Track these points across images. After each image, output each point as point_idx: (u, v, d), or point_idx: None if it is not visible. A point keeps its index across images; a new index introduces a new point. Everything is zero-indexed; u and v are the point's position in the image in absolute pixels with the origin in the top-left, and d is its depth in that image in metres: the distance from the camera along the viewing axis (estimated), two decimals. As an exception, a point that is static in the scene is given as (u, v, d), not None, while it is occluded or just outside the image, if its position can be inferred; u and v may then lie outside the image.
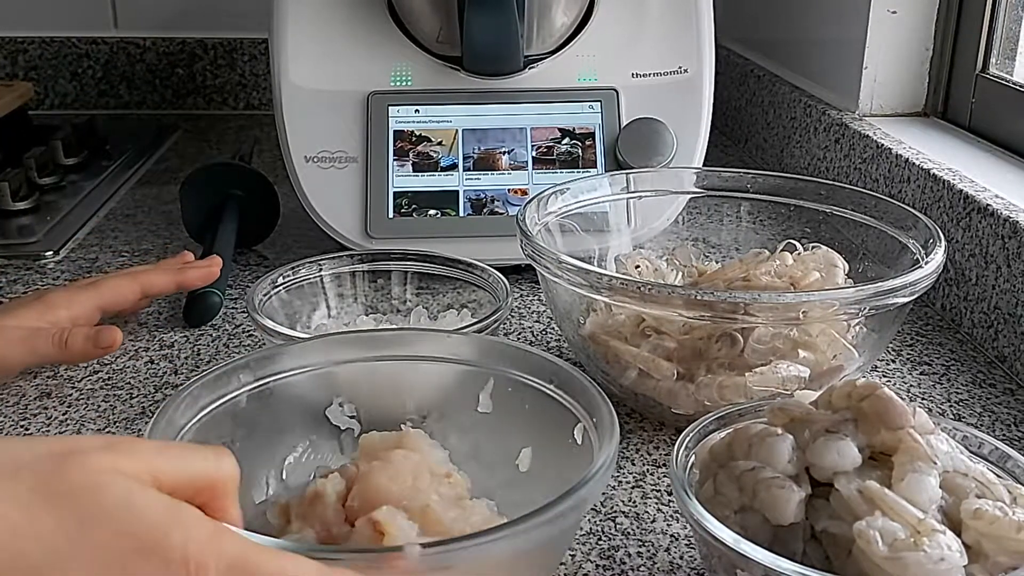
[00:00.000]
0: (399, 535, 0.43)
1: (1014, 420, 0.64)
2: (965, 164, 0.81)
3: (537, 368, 0.51)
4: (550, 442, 0.49)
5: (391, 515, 0.44)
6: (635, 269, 0.69)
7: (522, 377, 0.51)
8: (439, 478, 0.48)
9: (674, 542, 0.52)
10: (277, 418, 0.52)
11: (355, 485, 0.47)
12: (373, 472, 0.47)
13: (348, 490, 0.47)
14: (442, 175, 0.83)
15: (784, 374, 0.57)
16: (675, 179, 0.76)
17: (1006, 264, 0.69)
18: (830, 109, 0.99)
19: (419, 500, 0.45)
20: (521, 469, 0.51)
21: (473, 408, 0.52)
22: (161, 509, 0.34)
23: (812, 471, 0.44)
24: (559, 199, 0.70)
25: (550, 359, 0.51)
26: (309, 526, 0.46)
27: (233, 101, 1.43)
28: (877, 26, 0.94)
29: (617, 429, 0.44)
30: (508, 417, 0.52)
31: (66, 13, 1.37)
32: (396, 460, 0.47)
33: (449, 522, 0.45)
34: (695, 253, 0.74)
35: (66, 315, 0.66)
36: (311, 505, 0.46)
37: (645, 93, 0.85)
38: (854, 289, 0.55)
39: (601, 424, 0.45)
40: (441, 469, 0.49)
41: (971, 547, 0.41)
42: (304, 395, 0.53)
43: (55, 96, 1.40)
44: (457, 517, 0.45)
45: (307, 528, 0.46)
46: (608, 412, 0.46)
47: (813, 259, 0.65)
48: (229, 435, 0.49)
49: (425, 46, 0.85)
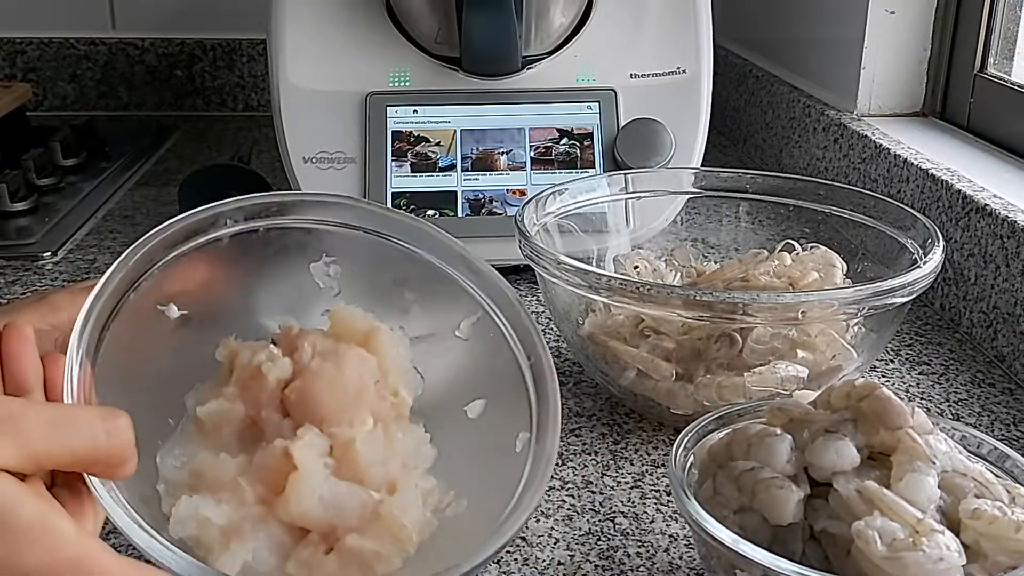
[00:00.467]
0: (307, 475, 0.43)
1: (1013, 420, 0.64)
2: (963, 164, 0.81)
3: (522, 333, 0.50)
4: (503, 410, 0.48)
5: (306, 450, 0.43)
6: (634, 270, 0.69)
7: (507, 331, 0.50)
8: (384, 395, 0.47)
9: (673, 542, 0.52)
10: (260, 264, 0.50)
11: (298, 379, 0.46)
12: (317, 375, 0.46)
13: (293, 378, 0.46)
14: (440, 175, 0.83)
15: (783, 374, 0.57)
16: (673, 179, 0.76)
17: (1005, 264, 0.69)
18: (829, 109, 0.99)
19: (347, 431, 0.45)
20: (469, 415, 0.50)
21: (451, 329, 0.51)
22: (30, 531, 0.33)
23: (811, 471, 0.44)
24: (557, 200, 0.70)
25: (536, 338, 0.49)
26: (242, 400, 0.46)
27: (232, 102, 1.43)
28: (875, 26, 0.94)
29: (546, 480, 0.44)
30: (478, 357, 0.51)
31: (64, 13, 1.37)
32: (347, 364, 0.46)
33: (366, 465, 0.44)
34: (694, 253, 0.74)
35: (68, 317, 0.66)
36: (252, 378, 0.46)
37: (643, 93, 0.85)
38: (853, 289, 0.55)
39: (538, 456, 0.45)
40: (392, 380, 0.48)
41: (970, 547, 0.41)
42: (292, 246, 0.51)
43: (54, 97, 1.40)
44: (376, 461, 0.45)
45: (239, 401, 0.46)
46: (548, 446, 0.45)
47: (812, 259, 0.65)
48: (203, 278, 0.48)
49: (423, 46, 0.85)
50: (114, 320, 0.44)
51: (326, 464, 0.44)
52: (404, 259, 0.52)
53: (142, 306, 0.46)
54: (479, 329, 0.51)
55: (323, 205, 0.51)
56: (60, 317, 0.66)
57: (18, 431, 0.34)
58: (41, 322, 0.65)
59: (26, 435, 0.34)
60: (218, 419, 0.46)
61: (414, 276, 0.52)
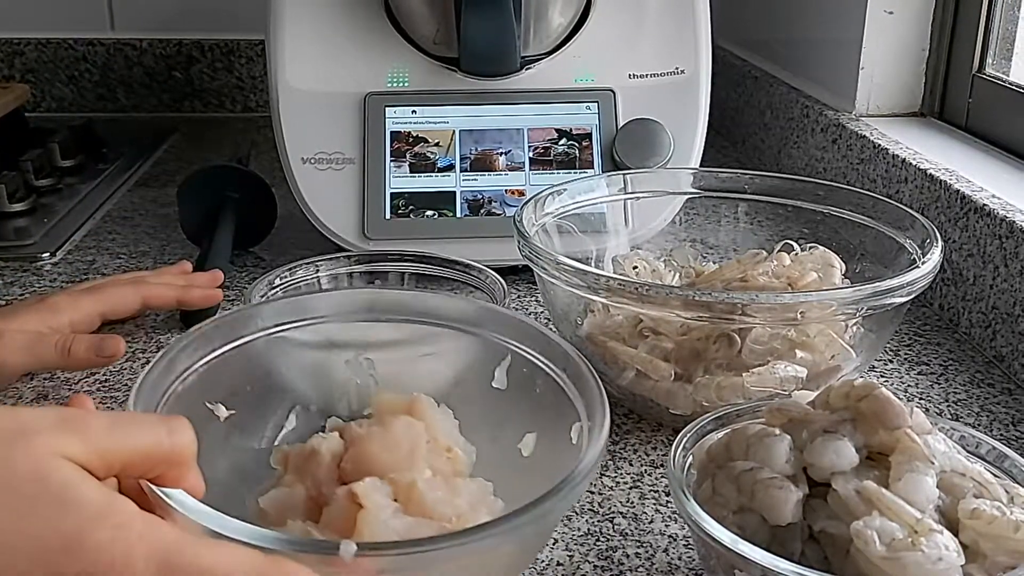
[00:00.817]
0: (375, 509, 0.43)
1: (1012, 420, 0.64)
2: (962, 164, 0.81)
3: (553, 352, 0.50)
4: (553, 432, 0.49)
5: (371, 488, 0.43)
6: (632, 270, 0.69)
7: (538, 359, 0.50)
8: (438, 452, 0.48)
9: (672, 543, 0.52)
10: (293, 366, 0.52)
11: (350, 448, 0.46)
12: (369, 438, 0.46)
13: (346, 451, 0.47)
14: (439, 176, 0.83)
15: (782, 374, 0.57)
16: (672, 180, 0.76)
17: (1003, 264, 0.69)
18: (827, 110, 0.99)
19: (408, 475, 0.45)
20: (524, 453, 0.50)
21: (488, 382, 0.52)
22: (92, 506, 0.33)
23: (810, 471, 0.44)
24: (556, 200, 0.70)
25: (564, 346, 0.49)
26: (301, 481, 0.46)
27: (230, 103, 1.42)
28: (874, 26, 0.94)
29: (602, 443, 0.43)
30: (519, 398, 0.51)
31: (62, 14, 1.37)
32: (396, 428, 0.47)
33: (432, 503, 0.44)
34: (692, 254, 0.74)
35: (67, 320, 0.66)
36: (307, 461, 0.46)
37: (642, 94, 0.85)
38: (852, 289, 0.55)
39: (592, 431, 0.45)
40: (444, 442, 0.49)
41: (969, 547, 0.41)
42: (323, 344, 0.52)
43: (52, 98, 1.40)
44: (442, 499, 0.45)
45: (299, 483, 0.46)
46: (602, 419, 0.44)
47: (810, 259, 0.65)
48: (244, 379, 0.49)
49: (422, 47, 0.85)
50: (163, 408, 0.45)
51: (393, 504, 0.44)
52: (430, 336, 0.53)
53: (189, 400, 0.47)
54: (513, 372, 0.52)
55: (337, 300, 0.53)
56: (60, 320, 0.66)
57: (83, 428, 0.35)
58: (40, 324, 0.65)
59: (90, 432, 0.35)
60: (281, 506, 0.46)
61: (441, 347, 0.53)
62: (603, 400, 0.46)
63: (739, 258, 0.67)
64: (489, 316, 0.52)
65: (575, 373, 0.48)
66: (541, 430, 0.50)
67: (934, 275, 0.57)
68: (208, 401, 0.48)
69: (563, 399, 0.48)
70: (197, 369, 0.47)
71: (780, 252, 0.66)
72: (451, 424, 0.51)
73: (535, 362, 0.50)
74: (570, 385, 0.48)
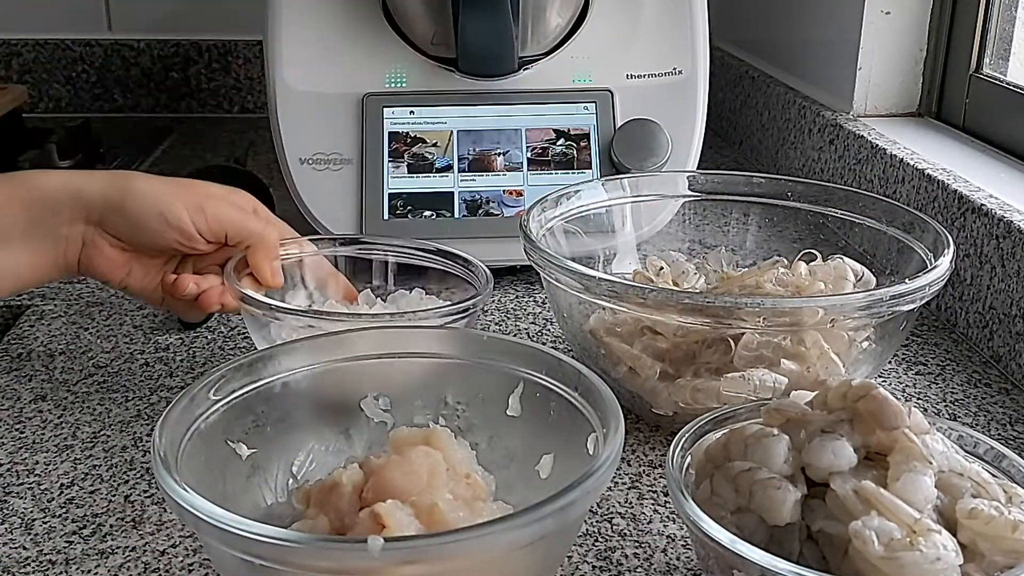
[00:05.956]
0: (398, 529, 0.43)
1: (1009, 420, 0.64)
2: (959, 164, 0.81)
3: (564, 374, 0.50)
4: (569, 450, 0.49)
5: (393, 508, 0.44)
6: (659, 271, 0.69)
7: (550, 383, 0.51)
8: (457, 478, 0.48)
9: (671, 543, 0.52)
10: (309, 407, 0.53)
11: (371, 478, 0.47)
12: (389, 467, 0.47)
13: (366, 482, 0.47)
14: (437, 176, 0.83)
15: (757, 382, 0.56)
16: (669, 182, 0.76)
17: (1000, 264, 0.70)
18: (825, 110, 0.99)
19: (428, 499, 0.45)
20: (542, 476, 0.51)
21: (502, 411, 0.52)
22: None
23: (808, 471, 0.44)
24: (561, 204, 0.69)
25: (576, 366, 0.50)
26: (324, 514, 0.47)
27: (228, 104, 1.42)
28: (871, 27, 0.94)
29: (619, 442, 0.44)
30: (535, 422, 0.52)
31: (59, 14, 1.37)
32: (414, 457, 0.48)
33: (454, 523, 0.45)
34: (727, 258, 0.73)
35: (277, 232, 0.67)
36: (328, 494, 0.47)
37: (640, 94, 0.85)
38: (841, 296, 0.54)
39: (608, 435, 0.45)
40: (462, 469, 0.49)
41: (967, 547, 0.41)
42: (337, 386, 0.53)
43: (49, 99, 1.40)
44: (464, 519, 0.45)
45: (322, 515, 0.47)
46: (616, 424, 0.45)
47: (823, 269, 0.64)
48: (263, 418, 0.50)
49: (420, 48, 0.85)
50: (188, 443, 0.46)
51: (415, 523, 0.44)
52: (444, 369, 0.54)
53: (212, 437, 0.48)
54: (527, 398, 0.52)
55: None
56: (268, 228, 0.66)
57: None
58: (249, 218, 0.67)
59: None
60: None
61: (452, 381, 0.54)
62: (615, 406, 0.46)
63: (760, 265, 0.67)
64: (500, 347, 0.53)
65: (586, 388, 0.49)
66: (558, 450, 0.51)
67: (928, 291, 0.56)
68: (230, 439, 0.49)
69: (577, 415, 0.49)
70: (219, 409, 0.48)
71: (799, 261, 0.66)
72: (468, 454, 0.51)
73: (547, 386, 0.51)
74: (582, 401, 0.49)
